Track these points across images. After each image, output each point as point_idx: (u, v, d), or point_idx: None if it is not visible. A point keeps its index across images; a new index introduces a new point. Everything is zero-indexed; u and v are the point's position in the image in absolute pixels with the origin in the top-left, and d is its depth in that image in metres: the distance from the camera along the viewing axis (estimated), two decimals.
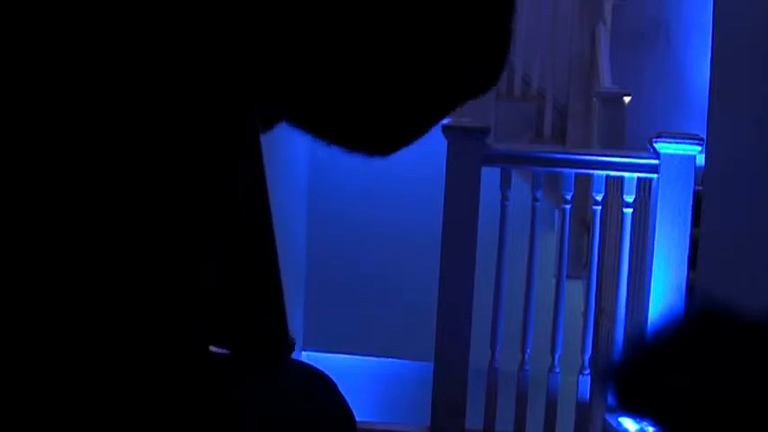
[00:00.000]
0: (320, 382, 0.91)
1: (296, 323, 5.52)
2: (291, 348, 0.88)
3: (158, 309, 0.74)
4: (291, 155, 6.61)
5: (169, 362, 0.75)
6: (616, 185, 3.70)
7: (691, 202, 3.40)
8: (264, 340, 0.86)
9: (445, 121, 3.62)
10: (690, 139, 3.40)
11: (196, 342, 0.78)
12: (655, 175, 3.42)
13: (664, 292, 3.40)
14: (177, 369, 0.76)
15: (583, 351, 3.60)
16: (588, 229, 3.91)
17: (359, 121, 0.77)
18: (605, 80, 4.96)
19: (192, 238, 0.76)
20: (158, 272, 0.74)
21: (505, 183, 3.56)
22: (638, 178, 3.50)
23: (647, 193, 3.54)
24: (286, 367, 0.89)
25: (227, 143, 0.79)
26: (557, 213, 4.53)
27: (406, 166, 7.12)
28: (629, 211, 3.54)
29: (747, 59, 3.14)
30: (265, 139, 0.87)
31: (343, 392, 0.93)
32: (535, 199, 3.59)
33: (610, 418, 3.38)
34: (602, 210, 3.63)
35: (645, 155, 3.47)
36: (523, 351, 3.60)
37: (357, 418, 0.94)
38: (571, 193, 3.56)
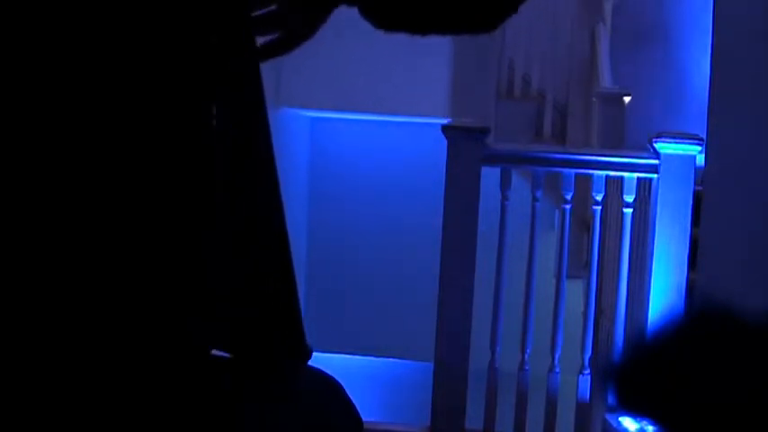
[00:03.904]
0: (328, 386, 0.91)
1: None
2: (308, 356, 0.88)
3: (157, 308, 0.74)
4: (292, 155, 6.61)
5: (167, 361, 0.75)
6: (616, 185, 3.69)
7: (691, 202, 3.39)
8: (281, 348, 0.86)
9: (445, 122, 3.62)
10: (690, 139, 3.40)
11: (196, 342, 0.78)
12: (655, 175, 3.42)
13: (664, 292, 3.40)
14: (175, 368, 0.76)
15: (583, 351, 3.60)
16: (588, 229, 3.91)
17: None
18: (605, 80, 4.96)
19: (191, 239, 0.76)
20: (156, 271, 0.74)
21: (505, 183, 3.56)
22: (638, 178, 3.50)
23: (647, 193, 3.53)
24: (294, 371, 0.89)
25: (232, 143, 0.79)
26: (557, 213, 4.53)
27: (406, 166, 7.12)
28: (629, 211, 3.54)
29: (747, 59, 3.14)
30: None
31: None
32: (535, 199, 3.59)
33: (610, 418, 3.38)
34: (602, 210, 3.63)
35: (645, 155, 3.47)
36: (523, 351, 3.60)
37: None
38: (571, 193, 3.56)
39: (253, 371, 0.84)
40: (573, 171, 3.54)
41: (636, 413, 0.73)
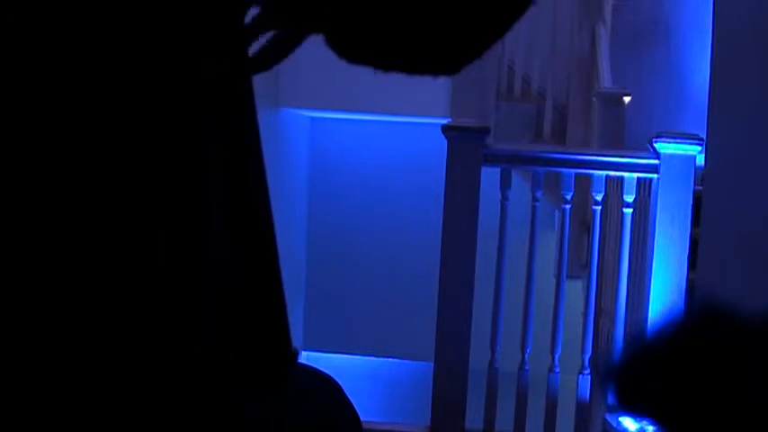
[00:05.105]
0: (327, 386, 0.91)
1: (296, 323, 5.53)
2: (294, 359, 0.88)
3: (156, 308, 0.74)
4: (292, 155, 6.61)
5: (166, 361, 0.75)
6: (616, 185, 3.70)
7: (691, 202, 3.40)
8: (265, 351, 0.86)
9: (445, 122, 3.62)
10: (690, 139, 3.41)
11: (195, 342, 0.78)
12: (655, 175, 3.42)
13: (664, 292, 3.40)
14: (175, 368, 0.76)
15: (583, 351, 3.60)
16: (588, 229, 3.91)
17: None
18: (605, 80, 4.96)
19: (191, 239, 0.76)
20: (156, 271, 0.74)
21: (505, 183, 3.56)
22: (638, 178, 3.50)
23: (647, 193, 3.54)
24: (293, 371, 0.89)
25: (226, 144, 0.79)
26: (557, 213, 4.53)
27: (406, 166, 7.12)
28: (629, 211, 3.54)
29: (747, 59, 3.14)
30: (266, 140, 0.87)
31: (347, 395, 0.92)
32: (535, 199, 3.59)
33: (610, 418, 3.38)
34: (602, 210, 3.63)
35: (645, 155, 3.47)
36: (523, 351, 3.60)
37: None
38: (571, 193, 3.56)
39: (252, 371, 0.85)
40: (573, 171, 3.54)
41: (636, 413, 0.73)
